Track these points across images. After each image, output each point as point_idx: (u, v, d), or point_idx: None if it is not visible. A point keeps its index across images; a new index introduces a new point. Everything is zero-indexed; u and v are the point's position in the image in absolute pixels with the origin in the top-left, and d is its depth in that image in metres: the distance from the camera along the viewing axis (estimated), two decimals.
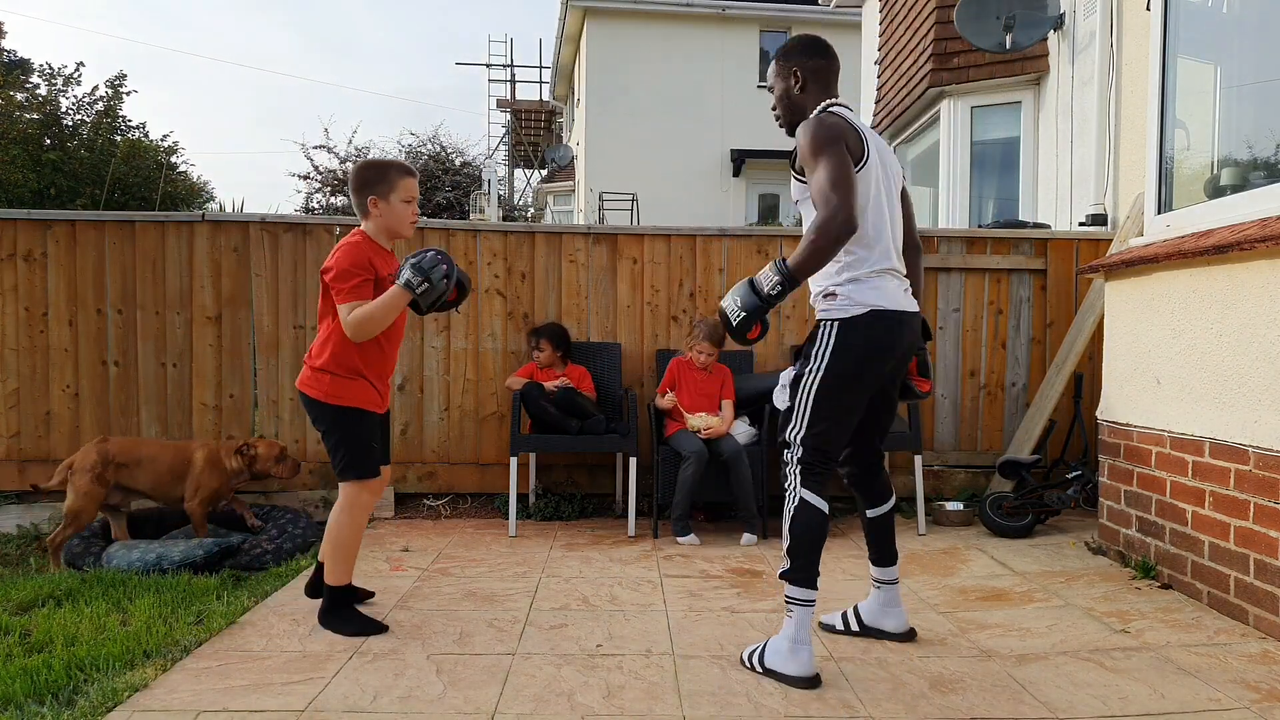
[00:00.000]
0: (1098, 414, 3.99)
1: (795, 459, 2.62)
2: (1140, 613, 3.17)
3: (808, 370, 2.60)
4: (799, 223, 3.10)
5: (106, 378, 4.84)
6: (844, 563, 3.93)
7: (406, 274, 2.79)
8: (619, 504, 4.89)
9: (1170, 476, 3.44)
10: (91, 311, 4.82)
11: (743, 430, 4.49)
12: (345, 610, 3.01)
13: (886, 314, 2.56)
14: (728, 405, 4.52)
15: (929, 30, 6.98)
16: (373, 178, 2.95)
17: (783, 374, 2.72)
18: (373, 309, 2.80)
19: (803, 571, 2.60)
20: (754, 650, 2.69)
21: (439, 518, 4.83)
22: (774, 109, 2.81)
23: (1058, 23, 5.98)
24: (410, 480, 4.95)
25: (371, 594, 3.33)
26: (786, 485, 2.64)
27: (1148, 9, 4.09)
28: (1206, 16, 3.81)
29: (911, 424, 4.50)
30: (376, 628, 2.98)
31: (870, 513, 2.93)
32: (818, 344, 2.59)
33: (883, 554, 2.93)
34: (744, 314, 2.52)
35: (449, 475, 4.97)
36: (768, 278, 2.48)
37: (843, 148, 2.48)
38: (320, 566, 3.11)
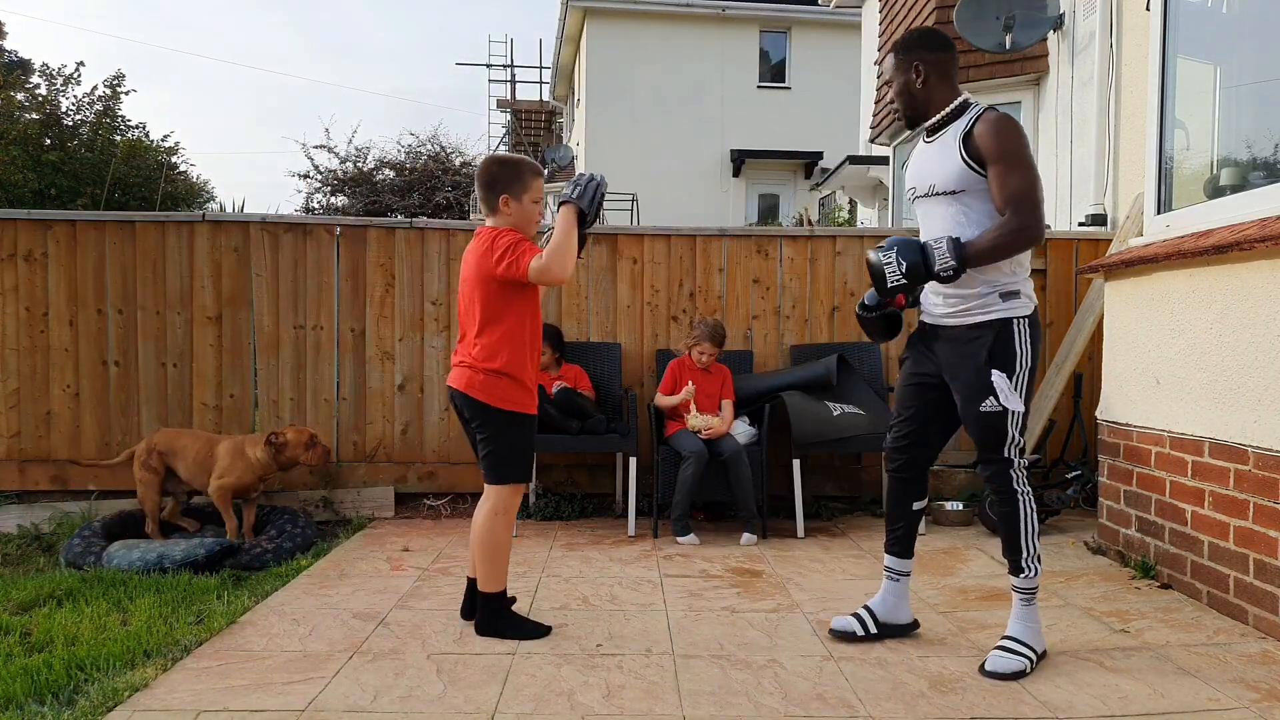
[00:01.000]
0: (1097, 414, 3.99)
1: (1017, 456, 2.65)
2: (1140, 613, 3.17)
3: (1016, 373, 2.62)
4: (799, 222, 3.12)
5: (107, 378, 4.84)
6: (844, 563, 3.94)
7: (564, 193, 2.81)
8: (619, 504, 4.89)
9: (1170, 476, 3.44)
10: (92, 311, 4.83)
11: (743, 430, 4.50)
12: (508, 615, 2.96)
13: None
14: (728, 405, 4.52)
15: None
16: (506, 176, 2.88)
17: (998, 384, 2.61)
18: (557, 238, 2.74)
19: (1028, 562, 2.70)
20: (1009, 668, 2.61)
21: (439, 518, 4.83)
22: (891, 102, 2.81)
23: (1057, 23, 5.98)
24: (411, 480, 4.95)
25: (513, 599, 3.15)
26: (1011, 485, 2.65)
27: (1148, 9, 4.09)
28: (1206, 16, 3.81)
29: None
30: (541, 630, 2.94)
31: (916, 505, 2.96)
32: (1016, 341, 2.62)
33: (909, 547, 2.98)
34: (904, 279, 2.56)
35: (449, 475, 4.97)
36: (942, 254, 2.53)
37: (1033, 160, 2.57)
38: (472, 583, 3.04)
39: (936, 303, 2.77)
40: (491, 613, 2.94)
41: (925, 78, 2.70)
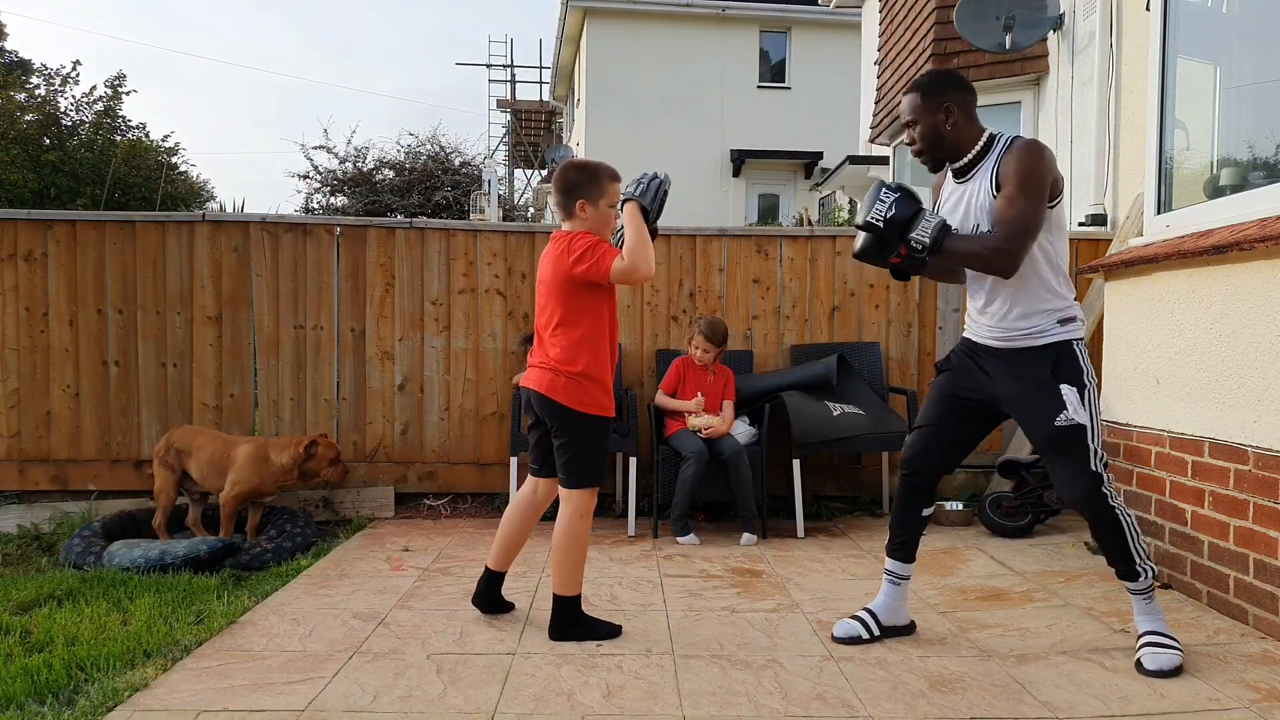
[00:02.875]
0: None
1: (1105, 470, 2.64)
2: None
3: (1085, 388, 2.63)
4: (799, 222, 3.14)
5: (107, 378, 4.84)
6: (844, 563, 3.94)
7: (627, 190, 2.86)
8: (619, 504, 4.89)
9: (1170, 476, 3.44)
10: (92, 311, 4.83)
11: (743, 430, 4.50)
12: (583, 619, 2.96)
13: None
14: (728, 405, 4.52)
15: (929, 30, 6.98)
16: (584, 180, 2.87)
17: (1069, 398, 2.61)
18: (632, 237, 2.76)
19: (1141, 564, 2.69)
20: (1171, 662, 2.64)
21: (439, 517, 4.83)
22: (911, 143, 2.80)
23: (1057, 23, 5.98)
24: (410, 480, 4.95)
25: (511, 605, 3.24)
26: (1107, 502, 2.63)
27: (1147, 9, 4.09)
28: (1206, 16, 3.81)
29: (911, 423, 4.50)
30: (614, 630, 2.96)
31: (926, 512, 2.95)
32: (1080, 362, 2.65)
33: (913, 552, 2.97)
34: (880, 225, 2.57)
35: (449, 475, 4.97)
36: (926, 230, 2.55)
37: (1046, 195, 2.57)
38: (489, 572, 3.11)
39: (989, 325, 2.76)
40: (570, 615, 2.94)
41: (955, 120, 2.70)
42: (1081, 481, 2.62)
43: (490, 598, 3.17)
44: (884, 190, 2.62)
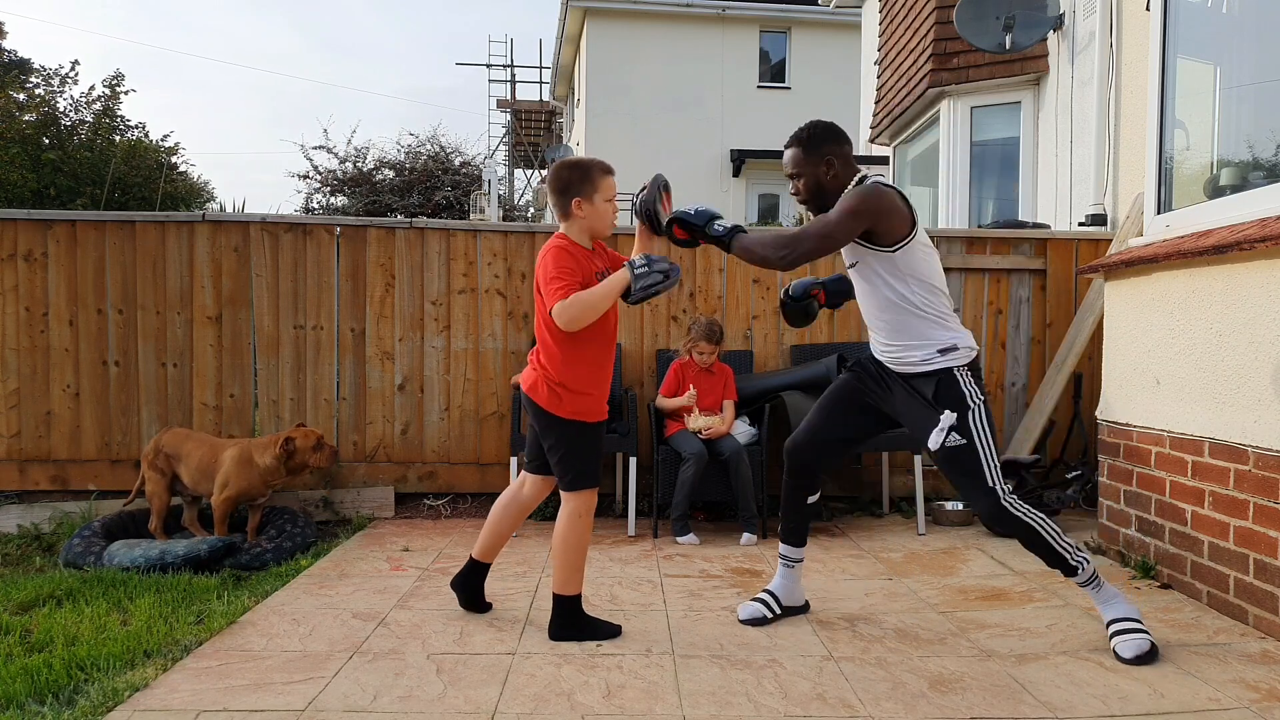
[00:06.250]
0: (1097, 414, 3.99)
1: (1000, 484, 2.72)
2: (1140, 613, 3.16)
3: (970, 408, 2.74)
4: (799, 222, 3.20)
5: (107, 378, 4.84)
6: (843, 563, 3.94)
7: (636, 262, 2.78)
8: (619, 504, 4.89)
9: (1170, 476, 3.44)
10: (92, 311, 4.83)
11: (743, 430, 4.50)
12: (583, 619, 2.97)
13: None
14: (729, 405, 4.52)
15: (929, 30, 6.98)
16: (576, 179, 2.86)
17: (944, 422, 2.74)
18: (591, 293, 2.74)
19: (1074, 558, 2.77)
20: (1141, 647, 2.73)
21: (439, 517, 4.83)
22: (795, 193, 2.93)
23: (1057, 23, 5.98)
24: (410, 480, 4.95)
25: (490, 605, 3.27)
26: (1009, 514, 2.70)
27: (1148, 9, 4.09)
28: (1206, 16, 3.81)
29: None
30: (614, 630, 2.96)
31: (811, 499, 3.14)
32: (960, 387, 2.77)
33: (805, 535, 3.17)
34: (682, 222, 2.84)
35: (449, 475, 4.97)
36: (715, 233, 2.79)
37: (857, 228, 2.70)
38: (470, 560, 3.15)
39: (880, 342, 2.92)
40: (570, 615, 2.94)
41: (836, 171, 2.85)
42: (982, 499, 2.74)
43: (469, 585, 3.18)
44: (696, 206, 2.90)
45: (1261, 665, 2.68)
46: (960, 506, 4.68)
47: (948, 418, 2.73)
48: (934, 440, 2.74)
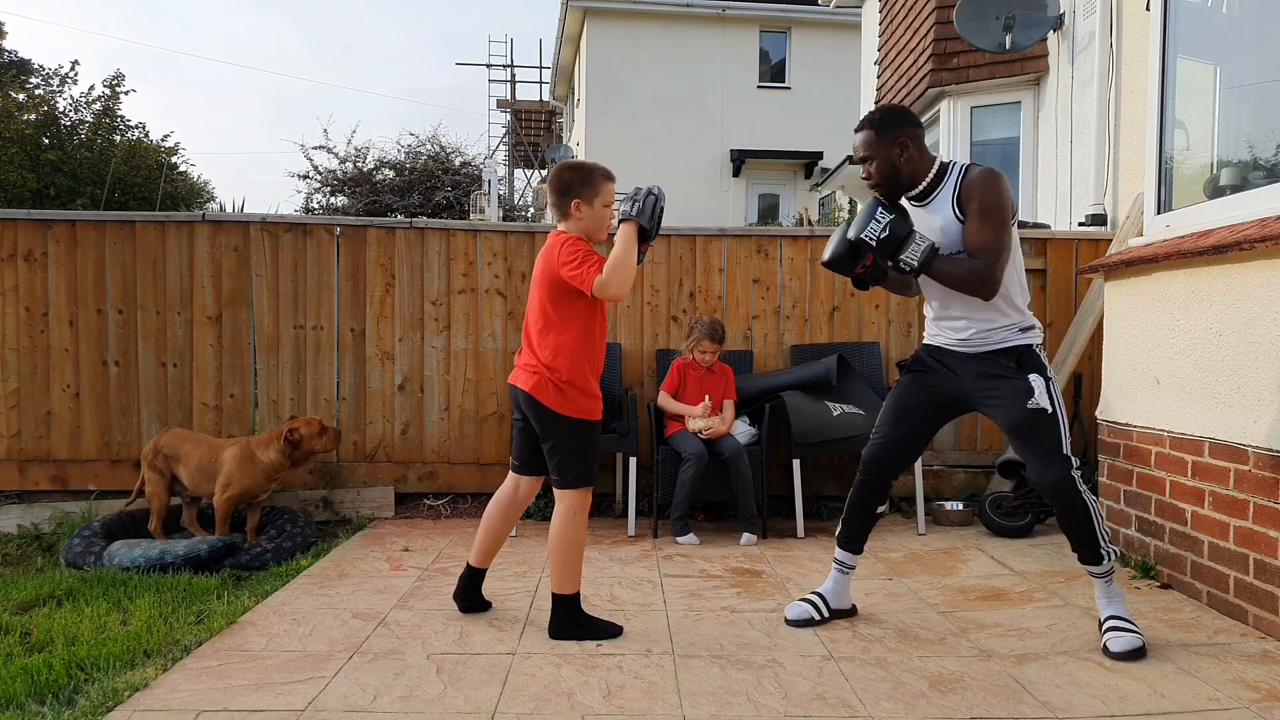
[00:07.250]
0: (1097, 414, 3.99)
1: (1076, 464, 2.74)
2: (1140, 612, 3.16)
3: (1050, 380, 2.78)
4: (799, 222, 3.20)
5: (107, 378, 4.84)
6: None
7: (622, 209, 2.83)
8: (619, 504, 4.89)
9: (1170, 476, 3.44)
10: (92, 311, 4.83)
11: (743, 430, 4.50)
12: (583, 617, 2.97)
13: None
14: (729, 405, 4.52)
15: (929, 30, 6.98)
16: (577, 180, 2.90)
17: (1036, 385, 2.77)
18: (617, 254, 2.74)
19: (1105, 547, 2.78)
20: (1133, 644, 2.74)
21: (439, 517, 4.83)
22: (867, 178, 2.90)
23: (1057, 23, 5.98)
24: (410, 480, 4.95)
25: (489, 604, 3.27)
26: (1075, 488, 2.72)
27: (1147, 9, 4.09)
28: (1206, 16, 3.81)
29: None
30: (614, 629, 2.96)
31: (880, 510, 3.13)
32: (1041, 359, 2.83)
33: (862, 544, 3.17)
34: (874, 243, 2.71)
35: (449, 475, 4.97)
36: (915, 252, 2.70)
37: (1009, 219, 2.72)
38: (469, 569, 3.16)
39: (957, 329, 2.89)
40: (569, 614, 2.95)
41: (908, 152, 2.82)
42: (1056, 467, 2.73)
43: (470, 593, 3.19)
44: (879, 210, 2.76)
45: (1261, 665, 2.68)
46: (960, 506, 4.68)
47: (1038, 380, 2.75)
48: (1035, 400, 2.73)
